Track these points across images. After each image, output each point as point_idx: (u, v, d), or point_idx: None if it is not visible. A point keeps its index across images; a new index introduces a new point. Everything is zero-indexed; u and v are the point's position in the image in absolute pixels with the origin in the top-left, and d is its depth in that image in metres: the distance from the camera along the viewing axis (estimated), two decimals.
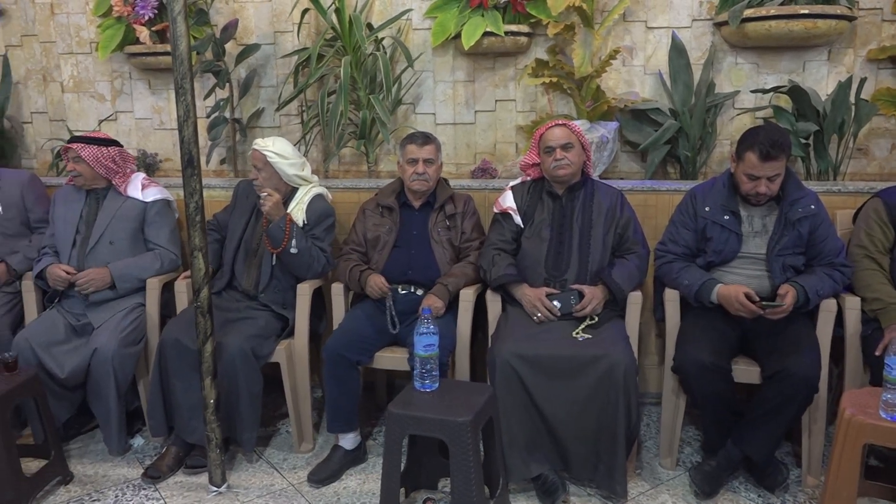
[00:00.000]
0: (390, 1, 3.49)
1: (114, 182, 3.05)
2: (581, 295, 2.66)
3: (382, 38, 3.43)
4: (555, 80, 3.30)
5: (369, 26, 3.45)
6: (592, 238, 2.75)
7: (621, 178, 3.40)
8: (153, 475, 2.71)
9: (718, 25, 3.27)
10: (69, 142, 3.02)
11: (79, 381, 2.83)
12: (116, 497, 2.63)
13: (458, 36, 3.33)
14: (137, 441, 3.02)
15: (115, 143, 3.05)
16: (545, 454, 2.50)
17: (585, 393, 2.42)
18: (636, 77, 3.41)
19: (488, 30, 3.24)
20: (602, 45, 3.34)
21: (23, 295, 3.09)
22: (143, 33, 3.52)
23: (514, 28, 3.29)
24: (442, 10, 3.40)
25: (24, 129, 3.95)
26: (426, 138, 2.90)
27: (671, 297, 2.71)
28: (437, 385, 2.28)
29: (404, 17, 3.44)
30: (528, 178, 2.92)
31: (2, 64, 3.79)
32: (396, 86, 3.45)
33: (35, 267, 3.04)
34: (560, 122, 2.78)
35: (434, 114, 3.58)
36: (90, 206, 3.06)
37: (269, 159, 2.90)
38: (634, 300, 2.71)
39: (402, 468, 2.28)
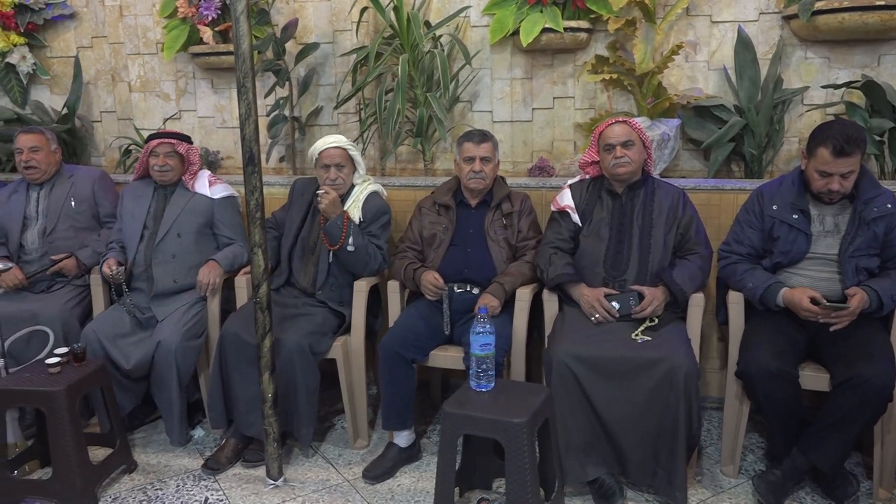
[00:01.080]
0: None
1: (184, 178, 3.13)
2: (641, 296, 2.60)
3: (440, 36, 3.42)
4: (615, 76, 3.23)
5: (427, 24, 3.44)
6: (653, 238, 2.69)
7: (683, 177, 3.32)
8: (213, 467, 2.77)
9: (787, 19, 3.15)
10: (154, 138, 3.11)
11: (143, 372, 2.91)
12: (178, 486, 2.69)
13: (516, 33, 3.30)
14: (198, 432, 3.09)
15: (190, 139, 3.17)
16: (602, 457, 2.45)
17: (644, 396, 2.37)
18: (699, 73, 3.32)
19: (547, 26, 3.21)
20: (664, 41, 3.27)
21: (91, 288, 3.20)
22: (207, 33, 3.60)
23: (573, 24, 3.24)
24: (500, 6, 3.37)
25: (94, 127, 4.08)
26: (483, 136, 2.88)
27: (735, 300, 2.63)
28: (492, 385, 2.26)
29: (462, 14, 3.43)
30: (587, 177, 2.87)
31: (74, 65, 3.92)
32: (453, 83, 3.44)
33: (101, 261, 3.14)
34: (620, 119, 2.72)
35: (491, 111, 3.56)
36: (158, 202, 3.15)
37: (350, 153, 2.95)
38: (696, 302, 2.63)
39: (457, 467, 2.27)
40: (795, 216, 2.55)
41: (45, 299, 3.13)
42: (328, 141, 2.95)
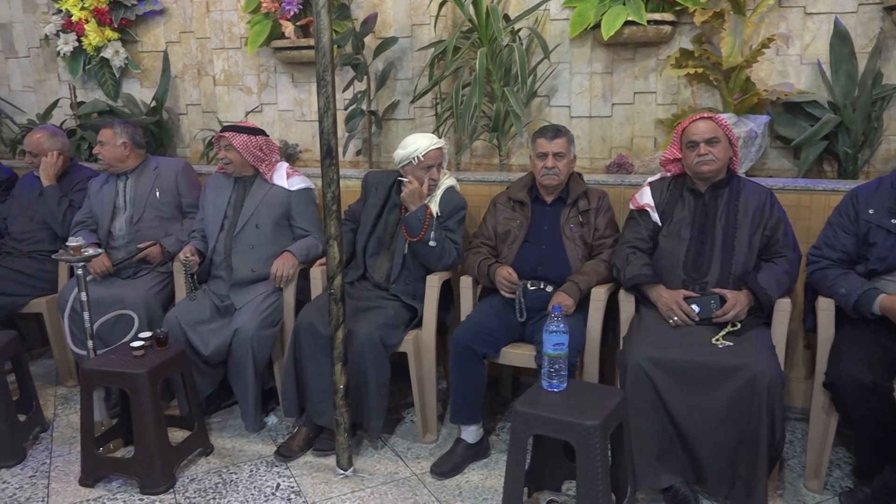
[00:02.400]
0: None
1: (260, 170, 3.20)
2: (722, 299, 2.50)
3: (519, 30, 3.37)
4: (700, 70, 3.11)
5: (506, 17, 3.40)
6: (737, 239, 2.58)
7: (770, 176, 3.17)
8: (285, 454, 2.82)
9: (889, 10, 2.97)
10: (221, 131, 3.20)
11: (221, 358, 2.99)
12: (251, 472, 2.76)
13: (597, 26, 3.22)
14: (271, 419, 3.16)
15: (262, 132, 3.21)
16: (678, 465, 2.37)
17: (724, 404, 2.27)
18: (791, 67, 3.17)
19: (629, 19, 3.11)
20: (754, 33, 3.12)
21: (174, 275, 3.31)
22: (289, 28, 3.66)
23: (657, 17, 3.14)
24: None
25: (180, 120, 4.22)
26: (556, 131, 2.82)
27: (825, 307, 2.49)
28: (565, 385, 2.22)
29: (542, 7, 3.37)
30: (668, 175, 2.78)
31: (162, 59, 4.06)
32: (531, 78, 3.39)
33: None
34: (706, 115, 2.62)
35: (569, 106, 3.49)
36: (238, 193, 3.22)
37: (444, 151, 2.97)
38: (782, 307, 2.51)
39: (526, 467, 2.24)
40: (894, 221, 2.39)
41: (131, 285, 3.26)
42: (432, 142, 2.94)
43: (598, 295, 2.69)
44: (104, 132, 3.39)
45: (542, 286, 2.80)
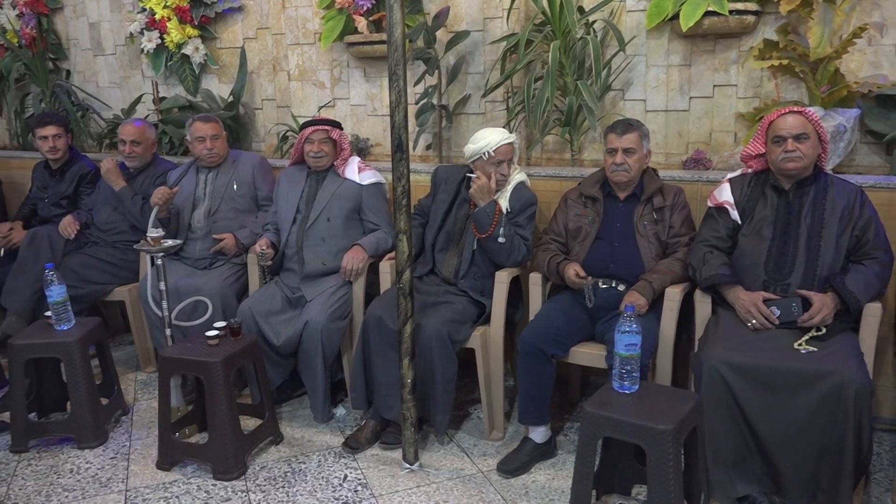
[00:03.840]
0: None
1: (335, 164, 3.25)
2: (805, 302, 2.38)
3: (594, 22, 3.30)
4: (785, 62, 2.98)
5: (580, 9, 3.33)
6: (823, 239, 2.45)
7: (859, 173, 3.01)
8: (352, 445, 2.85)
9: None
10: (306, 125, 3.25)
11: (292, 349, 3.04)
12: (319, 462, 2.80)
13: (675, 17, 3.12)
14: (340, 411, 3.19)
15: (341, 126, 3.28)
16: (754, 474, 2.28)
17: (806, 412, 2.17)
18: (885, 58, 2.99)
19: (710, 9, 3.00)
20: (844, 22, 2.96)
21: (248, 267, 3.39)
22: (362, 23, 3.68)
23: (739, 6, 3.01)
24: None
25: (255, 114, 4.31)
26: (627, 127, 2.75)
27: None
28: (636, 387, 2.16)
29: None
30: (750, 171, 2.67)
31: (240, 55, 4.15)
32: (605, 71, 3.31)
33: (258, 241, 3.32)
34: (795, 108, 2.49)
35: (644, 100, 3.39)
36: (311, 187, 3.27)
37: (515, 146, 2.95)
38: (871, 312, 2.37)
39: (595, 469, 2.19)
40: None
41: (207, 275, 3.36)
42: (503, 137, 2.92)
43: (673, 295, 2.61)
44: (215, 125, 3.50)
45: (613, 284, 2.73)
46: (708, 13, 3.02)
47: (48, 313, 3.00)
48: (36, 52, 4.66)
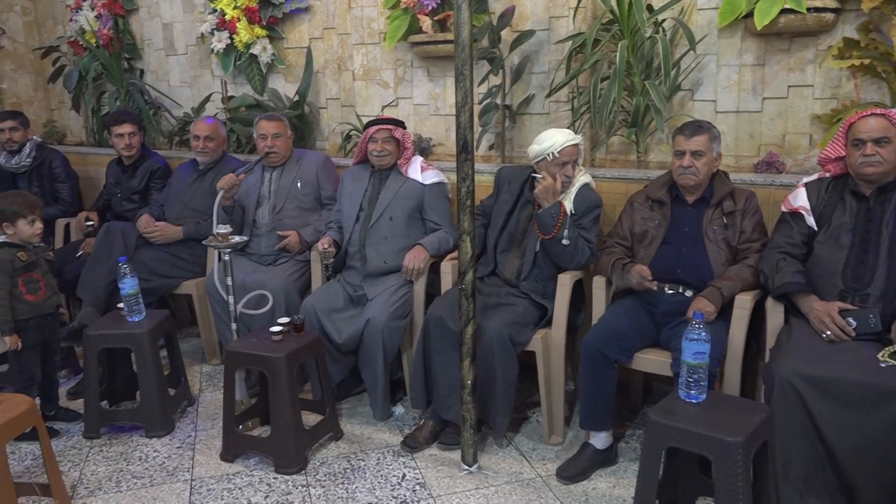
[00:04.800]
0: None
1: (398, 163, 3.26)
2: (885, 315, 2.27)
3: (663, 20, 3.23)
4: (866, 62, 2.85)
5: (649, 8, 3.26)
6: None
7: None
8: (411, 445, 2.86)
9: None
10: (370, 124, 3.27)
11: (353, 347, 3.07)
12: (378, 459, 2.81)
13: (749, 15, 3.02)
14: (398, 410, 3.21)
15: (405, 125, 3.31)
16: (827, 492, 2.19)
17: (886, 428, 2.07)
18: None
19: (787, 7, 2.89)
20: None
21: (311, 264, 3.43)
22: (426, 23, 3.69)
23: (818, 3, 2.89)
24: None
25: (320, 113, 4.37)
26: (696, 129, 2.67)
27: None
28: (704, 397, 2.10)
29: None
30: (827, 175, 2.56)
31: (306, 55, 4.21)
32: (675, 71, 3.23)
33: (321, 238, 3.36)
34: (878, 110, 2.39)
35: (715, 101, 3.30)
36: (374, 186, 3.30)
37: (581, 147, 2.92)
38: None
39: (658, 479, 2.14)
40: None
41: (271, 271, 3.42)
42: (569, 138, 2.89)
43: (743, 302, 2.53)
44: (278, 124, 3.57)
45: (680, 290, 2.67)
46: (784, 11, 2.91)
47: (121, 305, 3.11)
48: (112, 51, 4.83)
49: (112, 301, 3.48)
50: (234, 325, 3.03)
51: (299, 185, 3.55)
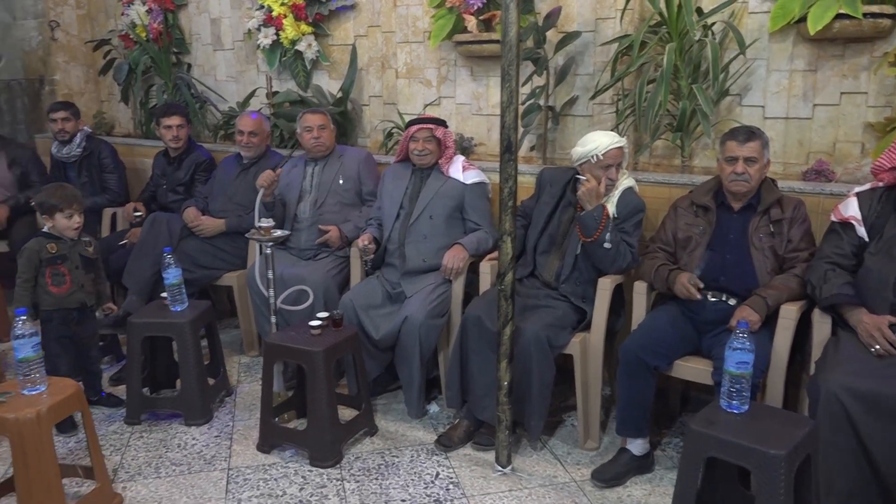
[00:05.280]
0: None
1: (439, 162, 3.27)
2: None
3: (713, 24, 3.18)
4: None
5: (699, 11, 3.21)
6: None
7: None
8: (445, 444, 2.86)
9: None
10: (412, 123, 3.29)
11: (390, 343, 3.09)
12: (412, 457, 2.82)
13: (801, 19, 2.96)
14: (433, 408, 3.21)
15: (446, 124, 3.32)
16: None
17: None
18: None
19: (842, 12, 2.83)
20: None
21: (350, 260, 3.46)
22: (471, 22, 3.68)
23: (875, 9, 2.82)
24: None
25: (363, 110, 4.40)
26: (749, 134, 2.62)
27: None
28: (746, 407, 2.06)
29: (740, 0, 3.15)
30: (880, 184, 2.50)
31: (350, 52, 4.24)
32: (723, 75, 3.18)
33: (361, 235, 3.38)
34: None
35: (763, 106, 3.24)
36: (414, 184, 3.31)
37: (625, 150, 2.90)
38: None
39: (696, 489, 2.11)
40: None
41: (311, 266, 3.45)
42: (613, 141, 2.87)
43: (788, 313, 2.48)
44: (322, 117, 3.63)
45: (723, 298, 2.62)
46: (839, 16, 2.85)
47: (164, 294, 3.16)
48: (161, 45, 4.92)
49: (156, 290, 3.54)
50: (273, 318, 3.07)
51: (341, 180, 3.58)
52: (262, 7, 4.42)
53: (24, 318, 2.32)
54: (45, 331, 2.90)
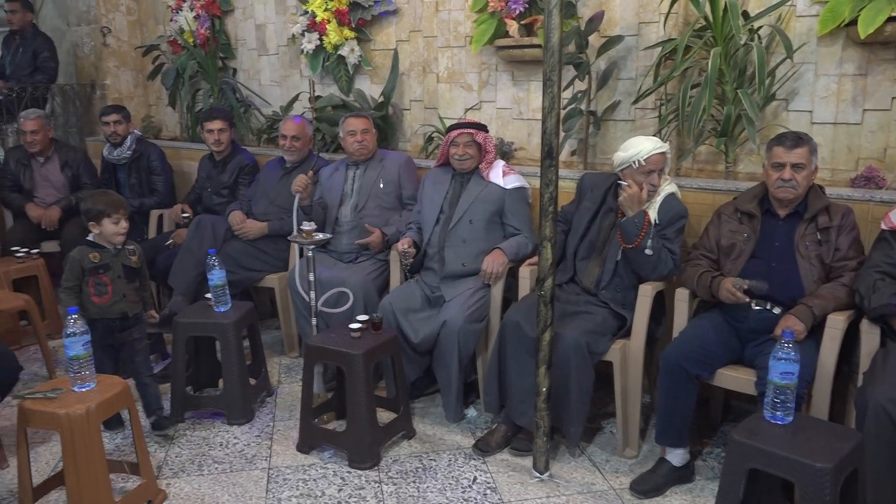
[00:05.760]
0: None
1: (480, 167, 3.28)
2: None
3: (759, 28, 3.12)
4: None
5: (745, 14, 3.16)
6: None
7: None
8: (482, 448, 2.87)
9: None
10: (452, 128, 3.31)
11: (428, 347, 3.11)
12: (449, 461, 2.83)
13: (851, 23, 2.89)
14: (471, 412, 3.22)
15: (487, 128, 3.32)
16: None
17: None
18: None
19: (893, 14, 2.76)
20: None
21: (390, 264, 3.49)
22: (513, 27, 3.69)
23: None
24: None
25: (403, 115, 4.43)
26: (797, 140, 2.57)
27: None
28: (791, 419, 2.03)
29: (788, 2, 3.09)
30: None
31: (392, 57, 4.28)
32: (769, 80, 3.12)
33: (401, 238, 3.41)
34: None
35: (811, 111, 3.17)
36: (454, 189, 3.33)
37: (668, 156, 2.88)
38: None
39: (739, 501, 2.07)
40: None
41: (352, 268, 3.49)
42: (656, 146, 2.85)
43: (836, 322, 2.42)
44: (365, 121, 3.67)
45: (768, 307, 2.58)
46: (890, 19, 2.78)
47: (208, 295, 3.23)
48: (208, 51, 5.03)
49: (201, 291, 3.62)
50: (314, 320, 3.11)
51: (382, 184, 3.62)
52: (307, 13, 4.49)
53: (76, 316, 2.40)
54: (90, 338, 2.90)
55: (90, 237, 2.97)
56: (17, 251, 4.12)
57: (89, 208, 2.91)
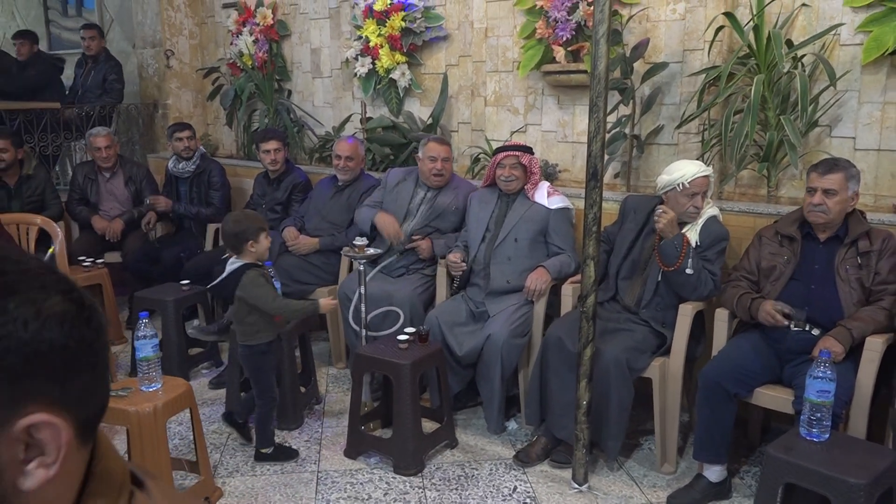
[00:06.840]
0: (816, 16, 3.23)
1: (525, 187, 3.39)
2: None
3: (802, 56, 3.19)
4: None
5: (788, 43, 3.24)
6: None
7: None
8: (523, 459, 2.95)
9: None
10: (499, 150, 3.43)
11: (472, 360, 3.21)
12: (490, 471, 2.93)
13: (895, 51, 2.95)
14: (512, 425, 3.31)
15: (532, 150, 3.43)
16: None
17: None
18: None
19: None
20: None
21: (436, 279, 3.61)
22: (560, 53, 3.81)
23: None
24: (880, 22, 3.03)
25: (451, 136, 4.57)
26: (832, 167, 2.62)
27: None
28: (826, 437, 2.09)
29: (832, 32, 3.15)
30: None
31: (442, 81, 4.44)
32: (812, 106, 3.18)
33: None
34: None
35: (854, 138, 3.22)
36: (500, 208, 3.44)
37: (711, 179, 2.97)
38: None
39: None
40: None
41: (400, 283, 3.62)
42: (700, 169, 2.92)
43: (874, 345, 2.47)
44: (448, 148, 3.70)
45: (807, 328, 2.62)
46: None
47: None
48: (265, 73, 5.26)
49: None
50: (363, 332, 3.25)
51: (454, 208, 3.66)
52: (361, 38, 4.68)
53: (146, 320, 2.57)
54: (265, 362, 2.92)
55: (236, 260, 2.87)
56: (84, 261, 4.35)
57: (248, 227, 2.82)
